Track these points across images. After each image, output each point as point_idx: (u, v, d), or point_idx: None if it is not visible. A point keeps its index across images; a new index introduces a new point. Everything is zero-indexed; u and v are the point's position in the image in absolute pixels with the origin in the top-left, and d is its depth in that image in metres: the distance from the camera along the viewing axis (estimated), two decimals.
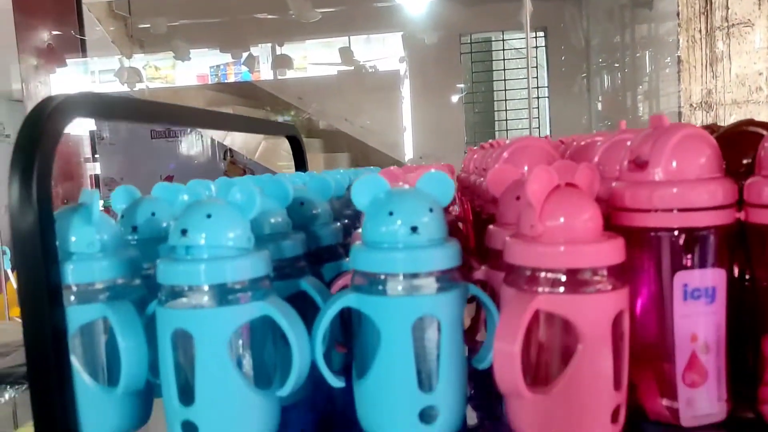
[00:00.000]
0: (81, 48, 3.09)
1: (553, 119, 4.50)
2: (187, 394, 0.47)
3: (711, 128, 0.56)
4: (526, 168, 0.62)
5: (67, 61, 4.11)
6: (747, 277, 0.50)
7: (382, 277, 0.48)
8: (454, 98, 4.61)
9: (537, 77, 4.44)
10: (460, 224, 0.88)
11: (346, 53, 4.74)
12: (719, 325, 0.48)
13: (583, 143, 0.64)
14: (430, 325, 0.48)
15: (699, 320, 0.48)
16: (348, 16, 4.47)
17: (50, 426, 0.47)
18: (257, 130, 1.18)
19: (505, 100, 4.68)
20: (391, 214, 0.48)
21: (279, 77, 4.91)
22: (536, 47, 4.45)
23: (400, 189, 0.50)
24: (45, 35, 2.98)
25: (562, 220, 0.46)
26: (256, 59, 5.07)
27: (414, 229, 0.47)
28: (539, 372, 0.47)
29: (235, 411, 0.47)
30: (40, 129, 0.47)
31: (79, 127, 4.41)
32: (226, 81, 5.67)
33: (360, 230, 0.51)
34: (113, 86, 4.29)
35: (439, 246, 0.48)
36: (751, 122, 0.54)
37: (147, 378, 0.51)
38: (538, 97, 4.50)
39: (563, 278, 0.45)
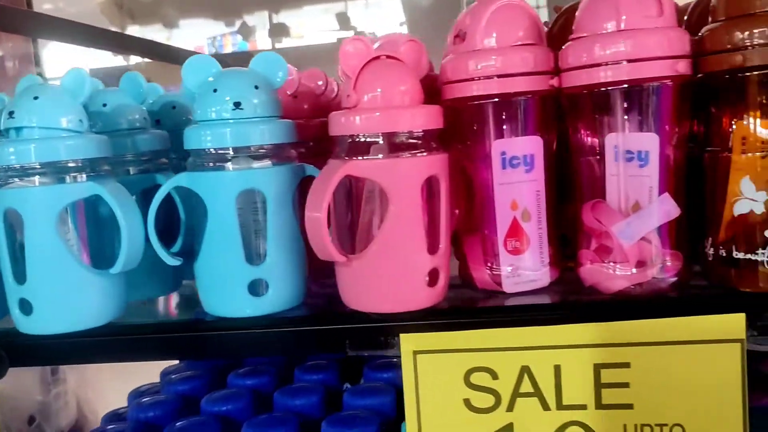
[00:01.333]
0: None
1: None
2: (21, 273, 0.49)
3: (556, 9, 0.57)
4: None
5: None
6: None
7: (210, 152, 0.49)
8: None
9: None
10: None
11: (343, 19, 4.71)
12: (539, 193, 0.49)
13: None
14: (257, 199, 0.49)
15: (518, 188, 0.49)
16: None
17: None
18: (163, 57, 1.19)
19: None
20: (215, 90, 0.49)
21: (276, 46, 4.89)
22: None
23: (228, 69, 0.51)
24: None
25: (377, 88, 0.46)
26: (252, 28, 5.05)
27: (237, 105, 0.48)
28: (364, 239, 0.49)
29: (67, 288, 0.48)
30: None
31: None
32: (223, 52, 5.66)
33: None
34: (108, 59, 4.29)
35: (265, 123, 0.49)
36: None
37: None
38: None
39: (375, 144, 0.46)
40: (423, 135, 0.47)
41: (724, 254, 0.45)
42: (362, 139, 0.46)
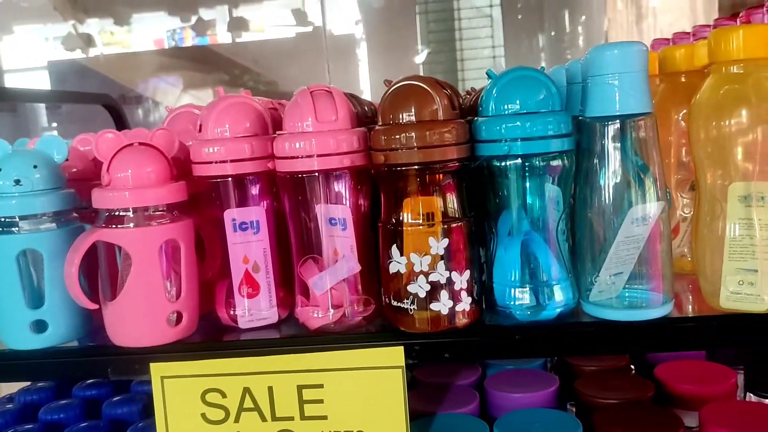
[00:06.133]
0: None
1: None
2: None
3: (387, 82, 0.64)
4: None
5: (16, 28, 4.11)
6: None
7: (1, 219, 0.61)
8: (416, 59, 4.65)
9: (493, 36, 4.48)
10: None
11: (300, 15, 4.79)
12: (266, 250, 0.62)
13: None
14: (36, 257, 0.61)
15: (248, 246, 0.61)
16: None
17: None
18: (72, 100, 1.30)
19: (462, 60, 4.70)
20: (0, 170, 0.61)
21: (236, 40, 4.96)
22: (491, 6, 4.47)
23: (16, 150, 0.63)
24: None
25: (128, 170, 0.59)
26: (212, 22, 5.09)
27: (17, 182, 0.60)
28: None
29: None
30: None
31: None
32: (183, 45, 5.68)
33: None
34: (67, 53, 4.30)
35: (41, 195, 0.61)
36: (416, 77, 0.59)
37: None
38: (494, 57, 4.54)
39: (125, 215, 0.58)
40: (166, 206, 0.59)
41: (388, 301, 0.59)
42: (116, 213, 0.59)
